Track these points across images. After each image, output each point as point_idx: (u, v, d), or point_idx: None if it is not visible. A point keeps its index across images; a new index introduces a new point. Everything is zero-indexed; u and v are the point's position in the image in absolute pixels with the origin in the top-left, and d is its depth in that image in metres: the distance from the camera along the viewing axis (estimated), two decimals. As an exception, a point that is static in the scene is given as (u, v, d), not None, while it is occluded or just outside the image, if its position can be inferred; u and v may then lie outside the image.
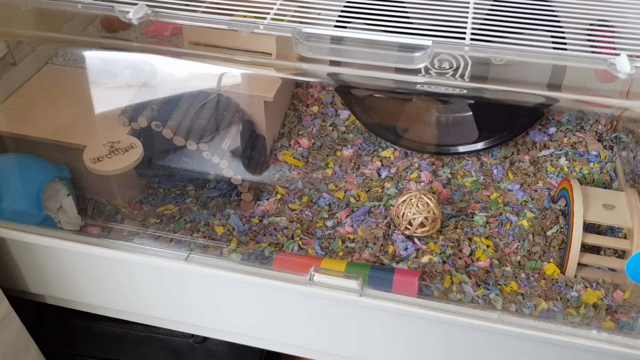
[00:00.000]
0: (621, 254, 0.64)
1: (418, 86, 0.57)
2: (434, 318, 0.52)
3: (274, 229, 0.68)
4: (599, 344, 0.49)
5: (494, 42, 0.51)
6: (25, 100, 0.74)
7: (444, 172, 0.76)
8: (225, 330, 0.64)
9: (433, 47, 0.49)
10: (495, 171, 0.76)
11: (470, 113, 0.79)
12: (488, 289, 0.61)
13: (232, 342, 0.66)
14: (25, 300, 0.68)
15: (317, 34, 0.52)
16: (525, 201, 0.71)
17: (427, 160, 0.77)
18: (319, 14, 0.61)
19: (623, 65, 0.47)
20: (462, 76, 0.57)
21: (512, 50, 0.49)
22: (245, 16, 0.57)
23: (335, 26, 0.59)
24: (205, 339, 0.74)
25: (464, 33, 0.51)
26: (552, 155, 0.77)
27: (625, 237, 0.64)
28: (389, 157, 0.78)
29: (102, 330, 0.74)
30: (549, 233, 0.67)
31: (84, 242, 0.59)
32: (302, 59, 0.56)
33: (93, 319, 0.72)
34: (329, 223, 0.69)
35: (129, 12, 0.55)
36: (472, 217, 0.69)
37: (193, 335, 0.73)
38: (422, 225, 0.65)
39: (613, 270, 0.63)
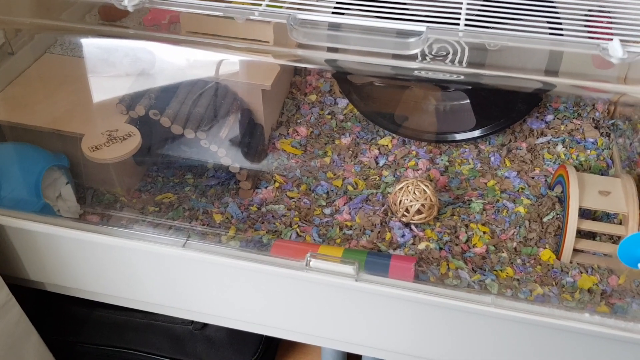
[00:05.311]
0: (616, 240, 0.64)
1: (415, 72, 0.57)
2: (428, 302, 0.52)
3: (272, 216, 0.69)
4: (591, 327, 0.49)
5: (489, 27, 0.51)
6: (24, 90, 0.74)
7: (442, 159, 0.76)
8: (224, 316, 0.65)
9: (427, 33, 0.49)
10: (492, 159, 0.76)
11: (468, 101, 0.79)
12: (484, 275, 0.61)
13: (231, 329, 0.67)
14: (26, 287, 0.68)
15: (311, 20, 0.52)
16: (522, 188, 0.71)
17: (424, 148, 0.77)
18: (316, 0, 0.61)
19: (615, 50, 0.47)
20: (459, 62, 0.57)
21: (506, 36, 0.49)
22: (241, 3, 0.57)
23: (333, 13, 0.59)
24: (204, 325, 0.74)
25: (459, 19, 0.51)
26: (549, 143, 0.77)
27: (620, 223, 0.65)
28: (387, 145, 0.78)
29: (102, 317, 0.75)
30: (545, 219, 0.67)
31: (84, 229, 0.59)
32: (300, 45, 0.56)
33: (93, 306, 0.73)
34: (327, 211, 0.69)
35: (124, -1, 0.55)
36: (469, 204, 0.70)
37: (193, 322, 0.74)
38: (419, 212, 0.66)
39: (608, 255, 0.63)
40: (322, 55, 0.61)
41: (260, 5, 0.54)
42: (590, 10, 0.57)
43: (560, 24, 0.55)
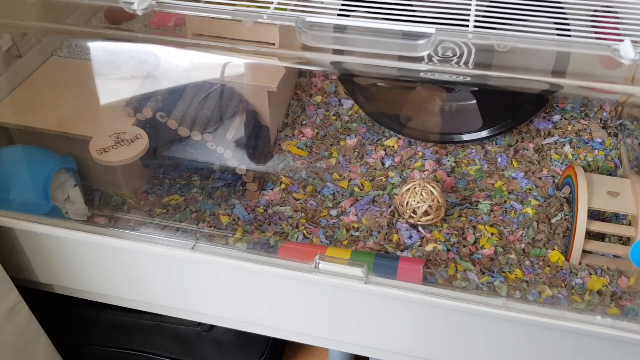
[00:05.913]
0: (626, 241, 0.64)
1: (422, 74, 0.57)
2: (438, 304, 0.52)
3: (279, 218, 0.69)
4: (603, 330, 0.49)
5: (497, 29, 0.51)
6: (31, 92, 0.74)
7: (448, 160, 0.76)
8: (232, 318, 0.65)
9: (436, 35, 0.49)
10: (499, 159, 0.76)
11: (474, 101, 0.79)
12: (492, 277, 0.61)
13: (238, 330, 0.67)
14: (35, 290, 0.68)
15: (320, 23, 0.52)
16: (529, 189, 0.71)
17: (430, 149, 0.77)
18: (322, 2, 0.61)
19: (627, 51, 0.47)
20: (466, 63, 0.57)
21: (515, 37, 0.49)
22: (248, 6, 0.57)
23: (339, 15, 0.59)
24: (212, 327, 0.74)
25: (468, 20, 0.51)
26: (556, 143, 0.77)
27: (629, 224, 0.64)
28: (393, 146, 0.78)
29: (110, 319, 0.75)
30: (553, 220, 0.67)
31: (92, 232, 0.59)
32: (306, 48, 0.56)
33: (101, 308, 0.73)
34: (334, 212, 0.69)
35: (133, 2, 0.55)
36: (477, 205, 0.69)
37: (200, 323, 0.74)
38: (426, 213, 0.66)
39: (618, 257, 0.63)
40: (328, 58, 0.61)
41: (268, 8, 0.54)
42: (596, 11, 0.57)
43: (567, 24, 0.55)
